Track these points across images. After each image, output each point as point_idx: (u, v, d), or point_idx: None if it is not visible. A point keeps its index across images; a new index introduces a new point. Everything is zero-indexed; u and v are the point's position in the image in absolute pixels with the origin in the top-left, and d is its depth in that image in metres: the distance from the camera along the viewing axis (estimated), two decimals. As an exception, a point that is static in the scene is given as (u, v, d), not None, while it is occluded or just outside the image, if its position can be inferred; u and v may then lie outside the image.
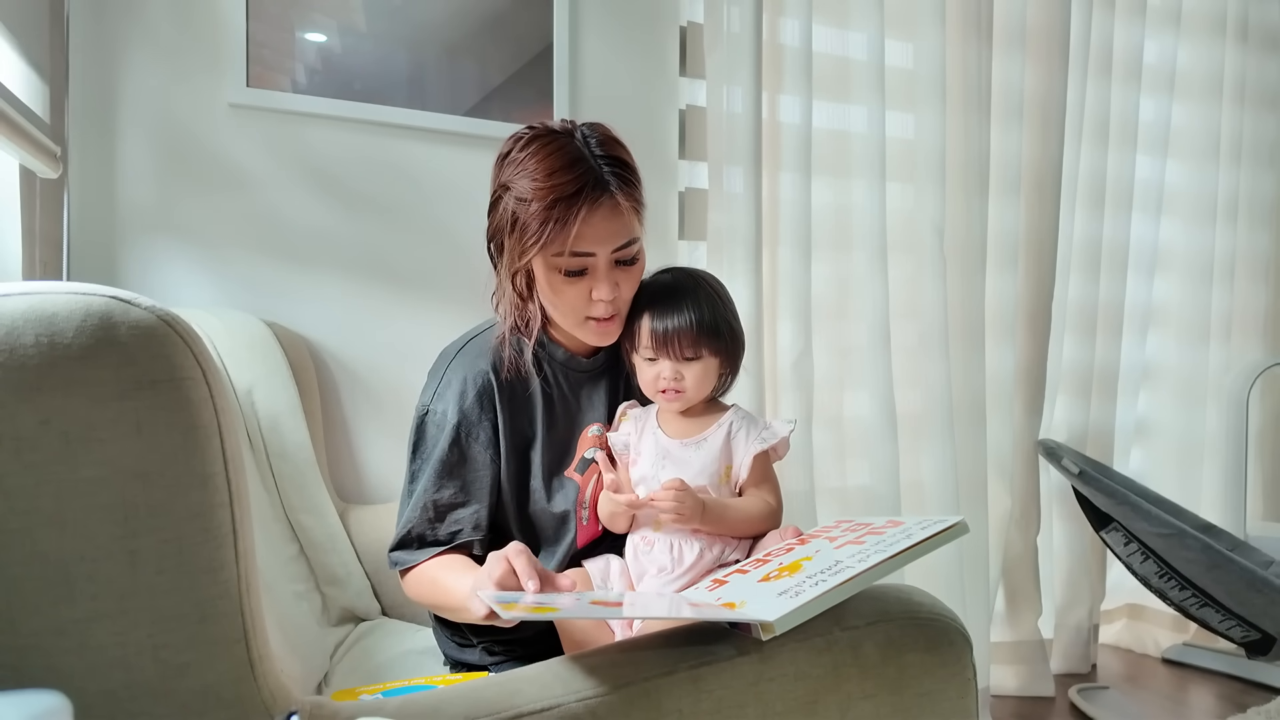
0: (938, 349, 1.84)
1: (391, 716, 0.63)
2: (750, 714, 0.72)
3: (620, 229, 0.93)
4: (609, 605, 0.84)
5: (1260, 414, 2.40)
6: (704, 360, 0.97)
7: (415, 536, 0.97)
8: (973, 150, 1.88)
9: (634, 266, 0.97)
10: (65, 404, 0.52)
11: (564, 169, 0.90)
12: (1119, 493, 1.81)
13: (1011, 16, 1.95)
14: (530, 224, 0.90)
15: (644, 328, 0.98)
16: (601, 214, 0.90)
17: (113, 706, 0.55)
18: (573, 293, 0.95)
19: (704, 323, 0.96)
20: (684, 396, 0.98)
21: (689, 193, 1.82)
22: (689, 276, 1.01)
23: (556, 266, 0.93)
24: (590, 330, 0.98)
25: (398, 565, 0.98)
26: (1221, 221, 2.36)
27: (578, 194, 0.89)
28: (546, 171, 0.90)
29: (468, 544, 0.97)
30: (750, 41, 1.67)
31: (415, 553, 0.97)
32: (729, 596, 0.79)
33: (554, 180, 0.89)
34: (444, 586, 0.92)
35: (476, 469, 0.97)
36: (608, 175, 0.91)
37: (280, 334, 1.39)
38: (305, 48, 1.52)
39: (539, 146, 0.92)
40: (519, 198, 0.91)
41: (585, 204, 0.89)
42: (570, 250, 0.91)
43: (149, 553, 0.55)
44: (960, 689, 0.80)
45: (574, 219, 0.88)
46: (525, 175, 0.91)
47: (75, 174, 1.35)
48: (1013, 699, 1.99)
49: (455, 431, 0.96)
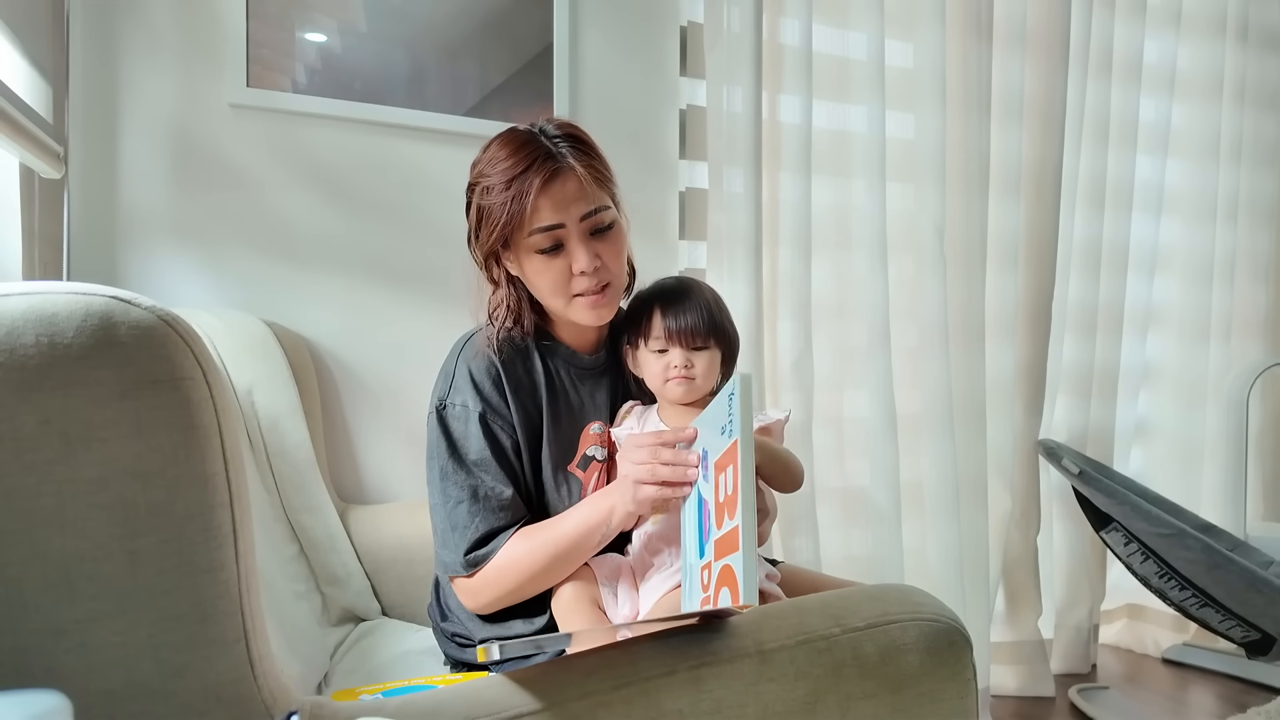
0: (938, 349, 1.84)
1: (391, 716, 0.63)
2: (750, 714, 0.72)
3: (580, 195, 0.94)
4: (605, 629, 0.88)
5: (1260, 414, 2.40)
6: (711, 351, 1.01)
7: (490, 532, 0.95)
8: (973, 150, 1.88)
9: (611, 234, 0.98)
10: (65, 404, 0.52)
11: (515, 151, 0.94)
12: (1119, 493, 1.81)
13: (1011, 16, 1.95)
14: (494, 210, 0.94)
15: (656, 321, 1.01)
16: (558, 184, 0.93)
17: (113, 706, 0.55)
18: (553, 272, 0.96)
19: (711, 316, 1.01)
20: (693, 385, 1.00)
21: (689, 193, 1.82)
22: (692, 281, 1.06)
23: (531, 248, 0.95)
24: (581, 308, 0.98)
25: (479, 562, 0.94)
26: (1221, 221, 2.36)
27: (529, 169, 0.92)
28: (503, 157, 0.94)
29: (527, 520, 0.98)
30: (750, 41, 1.67)
31: (493, 542, 0.95)
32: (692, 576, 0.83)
33: (509, 162, 0.94)
34: (549, 539, 0.93)
35: (509, 454, 0.98)
36: (561, 149, 0.94)
37: (280, 334, 1.39)
38: (305, 48, 1.52)
39: (498, 142, 0.97)
40: (482, 189, 0.96)
41: (538, 175, 0.92)
42: (535, 226, 0.93)
43: (149, 553, 0.55)
44: (960, 689, 0.80)
45: (529, 191, 0.91)
46: (486, 167, 0.96)
47: (75, 174, 1.35)
48: (1013, 699, 1.99)
49: (481, 420, 0.96)
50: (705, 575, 0.79)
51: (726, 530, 0.75)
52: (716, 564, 0.76)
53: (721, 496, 0.78)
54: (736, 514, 0.73)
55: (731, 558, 0.72)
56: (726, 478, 0.78)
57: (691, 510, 0.87)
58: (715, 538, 0.78)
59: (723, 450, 0.81)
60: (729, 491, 0.77)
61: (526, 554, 0.94)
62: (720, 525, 0.77)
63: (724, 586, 0.73)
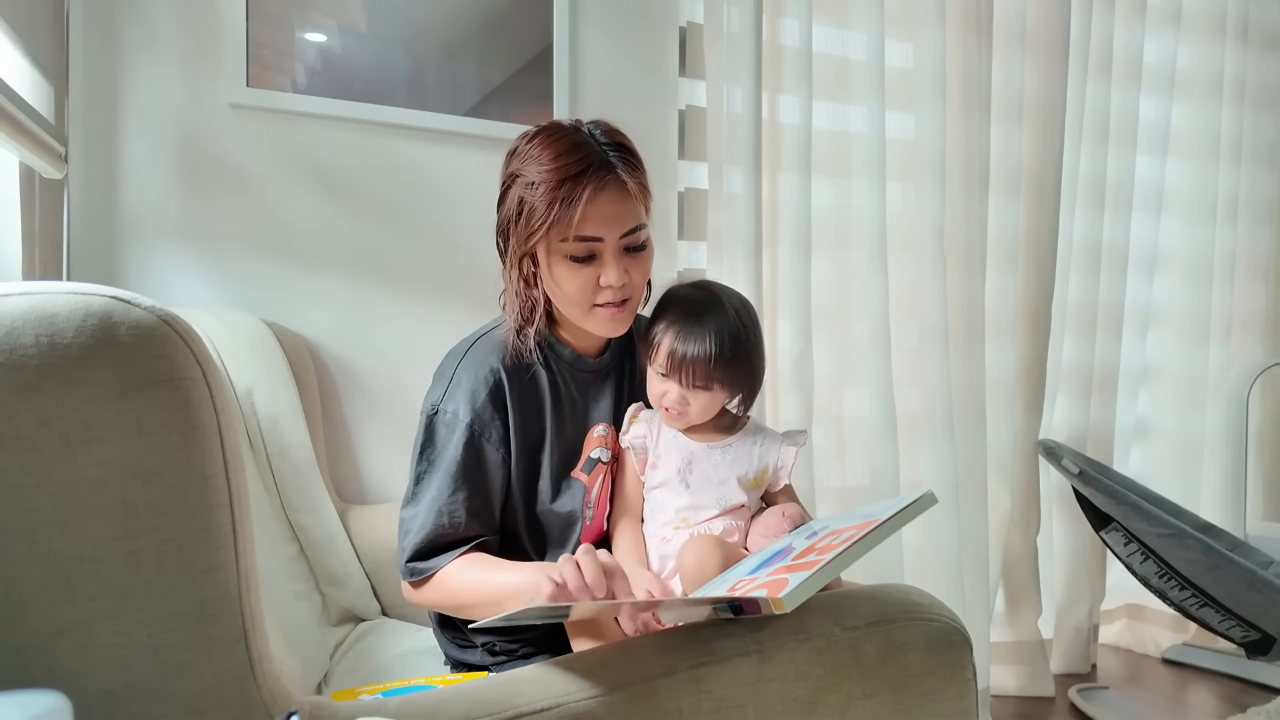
0: (938, 349, 1.84)
1: (391, 716, 0.63)
2: (750, 714, 0.72)
3: (627, 212, 0.93)
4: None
5: (1260, 414, 2.40)
6: (713, 392, 0.97)
7: (435, 544, 0.95)
8: (973, 150, 1.88)
9: (643, 254, 0.97)
10: (65, 404, 0.52)
11: (569, 152, 0.92)
12: (1119, 493, 1.81)
13: (1011, 16, 1.95)
14: (538, 206, 0.91)
15: (664, 345, 0.97)
16: (608, 195, 0.92)
17: (113, 706, 0.55)
18: (580, 280, 0.94)
19: (722, 356, 0.94)
20: (684, 419, 0.98)
21: (689, 193, 1.82)
22: (720, 302, 0.98)
23: (564, 253, 0.93)
24: (599, 319, 0.97)
25: (419, 575, 0.95)
26: (1221, 221, 2.36)
27: (583, 174, 0.90)
28: (553, 155, 0.92)
29: (486, 543, 0.97)
30: (750, 41, 1.67)
31: (437, 559, 0.95)
32: (732, 580, 0.80)
33: (560, 162, 0.91)
34: (482, 583, 0.91)
35: (490, 469, 0.96)
36: (613, 158, 0.93)
37: (280, 334, 1.39)
38: (305, 48, 1.52)
39: (545, 136, 0.94)
40: (527, 183, 0.93)
41: (591, 182, 0.90)
42: (577, 235, 0.91)
43: (149, 553, 0.55)
44: (960, 689, 0.80)
45: (580, 198, 0.89)
46: (532, 161, 0.93)
47: (76, 173, 1.35)
48: (1013, 699, 1.99)
49: (469, 431, 0.95)
50: (746, 583, 0.77)
51: (803, 561, 0.73)
52: (767, 575, 0.74)
53: (818, 546, 0.76)
54: (823, 559, 0.70)
55: (793, 575, 0.69)
56: (832, 541, 0.76)
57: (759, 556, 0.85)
58: (783, 564, 0.75)
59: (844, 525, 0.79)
60: (828, 544, 0.75)
61: (459, 584, 0.93)
62: (796, 559, 0.76)
63: (764, 586, 0.70)
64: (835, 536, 0.77)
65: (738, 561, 0.89)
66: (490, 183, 1.03)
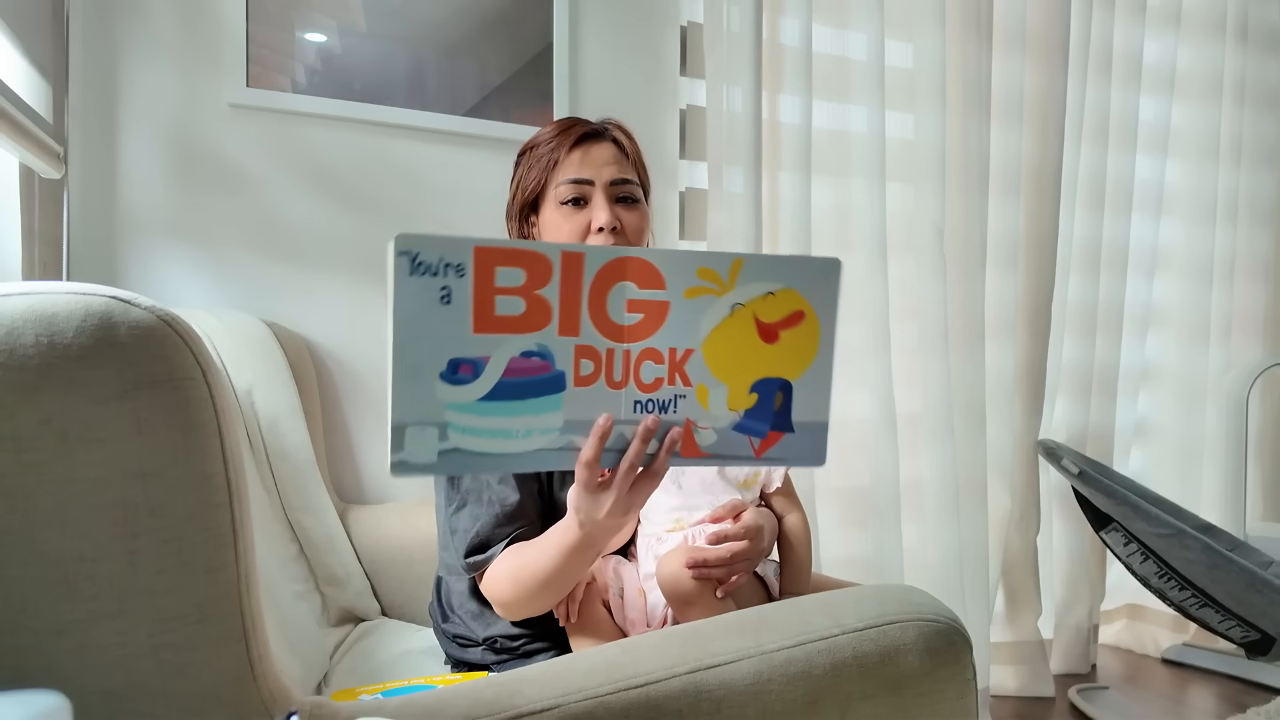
0: (938, 349, 1.84)
1: (391, 716, 0.63)
2: (750, 714, 0.72)
3: (619, 165, 1.00)
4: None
5: (1260, 414, 2.40)
6: None
7: (488, 537, 0.93)
8: (973, 150, 1.88)
9: (636, 208, 1.01)
10: (65, 404, 0.52)
11: (564, 123, 1.03)
12: (1119, 493, 1.81)
13: (1011, 16, 1.95)
14: (540, 158, 1.01)
15: None
16: (600, 147, 1.00)
17: (113, 706, 0.55)
18: (573, 224, 0.98)
19: None
20: None
21: (689, 193, 1.82)
22: None
23: (557, 198, 0.99)
24: None
25: (479, 566, 0.93)
26: (1221, 221, 2.36)
27: (571, 129, 1.01)
28: (551, 130, 1.03)
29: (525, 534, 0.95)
30: (750, 41, 1.67)
31: (490, 552, 0.93)
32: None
33: (560, 125, 1.03)
34: (537, 546, 0.88)
35: None
36: (613, 132, 1.04)
37: (280, 334, 1.39)
38: (305, 48, 1.52)
39: (554, 121, 1.06)
40: (531, 148, 1.03)
41: (587, 137, 1.00)
42: (566, 177, 0.98)
43: (149, 553, 0.55)
44: (960, 689, 0.80)
45: (566, 143, 0.99)
46: (534, 139, 1.04)
47: (75, 173, 1.35)
48: (1013, 699, 1.99)
49: None
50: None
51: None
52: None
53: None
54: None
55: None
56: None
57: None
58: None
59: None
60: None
61: (516, 569, 0.91)
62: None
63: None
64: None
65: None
66: (490, 183, 1.05)
